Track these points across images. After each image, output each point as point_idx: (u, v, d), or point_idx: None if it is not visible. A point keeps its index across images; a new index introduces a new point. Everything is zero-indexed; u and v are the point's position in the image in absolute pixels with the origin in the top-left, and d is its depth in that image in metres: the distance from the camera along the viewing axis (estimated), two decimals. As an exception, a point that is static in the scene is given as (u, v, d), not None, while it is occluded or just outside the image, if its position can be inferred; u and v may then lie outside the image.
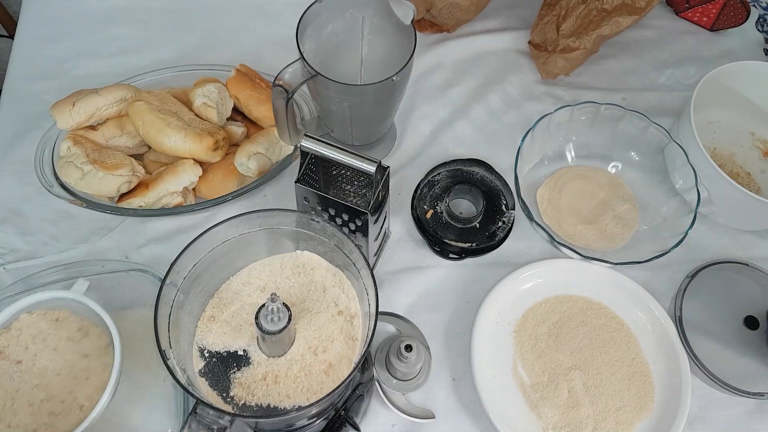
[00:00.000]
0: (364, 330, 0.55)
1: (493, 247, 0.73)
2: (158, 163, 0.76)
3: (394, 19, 0.69)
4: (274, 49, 0.89)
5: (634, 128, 0.77)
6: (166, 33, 0.92)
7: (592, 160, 0.81)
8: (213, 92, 0.76)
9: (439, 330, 0.71)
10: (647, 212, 0.76)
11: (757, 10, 0.97)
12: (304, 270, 0.59)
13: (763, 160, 0.84)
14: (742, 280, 0.71)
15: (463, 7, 0.86)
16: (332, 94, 0.67)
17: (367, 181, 0.65)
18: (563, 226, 0.76)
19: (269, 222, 0.57)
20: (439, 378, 0.68)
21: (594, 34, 0.83)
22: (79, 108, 0.72)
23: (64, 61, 0.89)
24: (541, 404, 0.65)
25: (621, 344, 0.68)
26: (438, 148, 0.83)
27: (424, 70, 0.90)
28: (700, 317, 0.69)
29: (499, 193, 0.75)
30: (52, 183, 0.72)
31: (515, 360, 0.68)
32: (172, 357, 0.49)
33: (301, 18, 0.67)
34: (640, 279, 0.71)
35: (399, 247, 0.76)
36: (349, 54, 0.77)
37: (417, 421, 0.64)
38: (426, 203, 0.75)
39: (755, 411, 0.68)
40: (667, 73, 0.93)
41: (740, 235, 0.79)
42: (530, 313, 0.70)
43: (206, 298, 0.57)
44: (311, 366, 0.54)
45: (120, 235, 0.74)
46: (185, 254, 0.52)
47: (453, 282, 0.74)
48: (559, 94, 0.89)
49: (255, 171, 0.74)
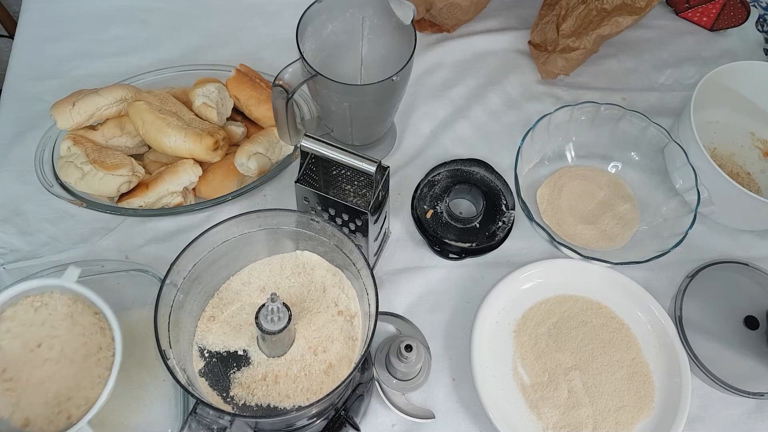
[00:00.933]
0: (364, 330, 0.55)
1: (493, 247, 0.73)
2: (158, 163, 0.76)
3: (394, 19, 0.69)
4: (274, 49, 0.89)
5: (634, 128, 0.77)
6: (166, 33, 0.92)
7: (592, 160, 0.81)
8: (213, 92, 0.76)
9: (439, 330, 0.71)
10: (647, 212, 0.76)
11: (757, 10, 0.97)
12: (304, 270, 0.59)
13: (763, 160, 0.84)
14: (742, 280, 0.71)
15: (463, 7, 0.86)
16: (332, 94, 0.67)
17: (367, 181, 0.65)
18: (563, 226, 0.76)
19: (269, 222, 0.57)
20: (439, 378, 0.68)
21: (594, 34, 0.83)
22: (79, 108, 0.72)
23: (64, 61, 0.89)
24: (541, 404, 0.65)
25: (621, 344, 0.68)
26: (438, 148, 0.83)
27: (424, 70, 0.90)
28: (700, 317, 0.69)
29: (499, 193, 0.75)
30: (52, 183, 0.72)
31: (515, 360, 0.68)
32: (172, 357, 0.49)
33: (301, 18, 0.67)
34: (640, 279, 0.71)
35: (399, 247, 0.76)
36: (349, 54, 0.77)
37: (417, 421, 0.64)
38: (426, 203, 0.75)
39: (755, 411, 0.68)
40: (667, 73, 0.93)
41: (740, 235, 0.79)
42: (530, 313, 0.70)
43: (206, 298, 0.57)
44: (311, 366, 0.54)
45: (120, 235, 0.74)
46: (185, 254, 0.52)
47: (453, 282, 0.74)
48: (559, 94, 0.89)
49: (255, 171, 0.74)
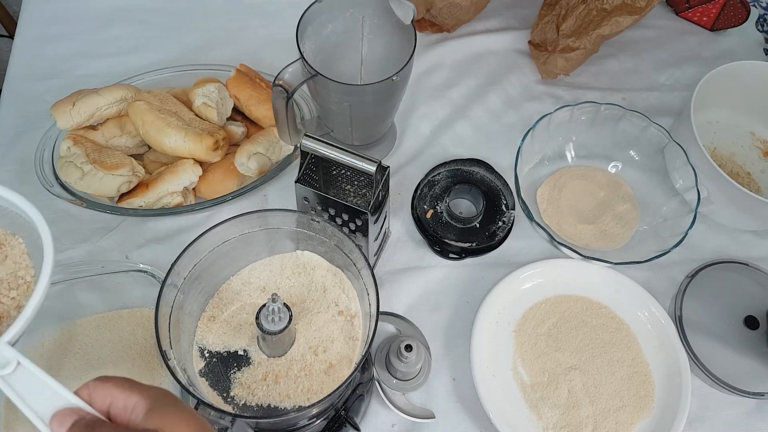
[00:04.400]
0: (365, 330, 0.55)
1: (493, 247, 0.73)
2: (158, 163, 0.76)
3: (394, 19, 0.69)
4: (274, 49, 0.89)
5: (634, 128, 0.77)
6: (166, 33, 0.92)
7: (592, 160, 0.81)
8: (213, 92, 0.76)
9: (439, 330, 0.71)
10: (647, 212, 0.76)
11: (757, 10, 0.97)
12: (304, 270, 0.59)
13: (763, 160, 0.85)
14: (742, 280, 0.71)
15: (463, 6, 0.86)
16: (332, 94, 0.67)
17: (367, 181, 0.65)
18: (563, 226, 0.76)
19: (269, 222, 0.57)
20: (439, 378, 0.68)
21: (594, 34, 0.83)
22: (79, 108, 0.72)
23: (64, 61, 0.89)
24: (541, 404, 0.65)
25: (621, 344, 0.68)
26: (438, 148, 0.83)
27: (424, 70, 0.90)
28: (700, 317, 0.69)
29: (499, 193, 0.75)
30: (52, 183, 0.72)
31: (515, 360, 0.68)
32: (172, 357, 0.49)
33: (301, 18, 0.67)
34: (640, 279, 0.71)
35: (399, 247, 0.76)
36: (349, 54, 0.77)
37: (417, 421, 0.64)
38: (426, 203, 0.75)
39: (755, 411, 0.68)
40: (667, 73, 0.93)
41: (740, 235, 0.79)
42: (530, 313, 0.70)
43: (206, 298, 0.57)
44: (311, 366, 0.54)
45: (120, 235, 0.74)
46: (185, 254, 0.52)
47: (453, 282, 0.74)
48: (559, 94, 0.89)
49: (255, 171, 0.74)
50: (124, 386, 0.37)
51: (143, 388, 0.37)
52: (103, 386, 0.37)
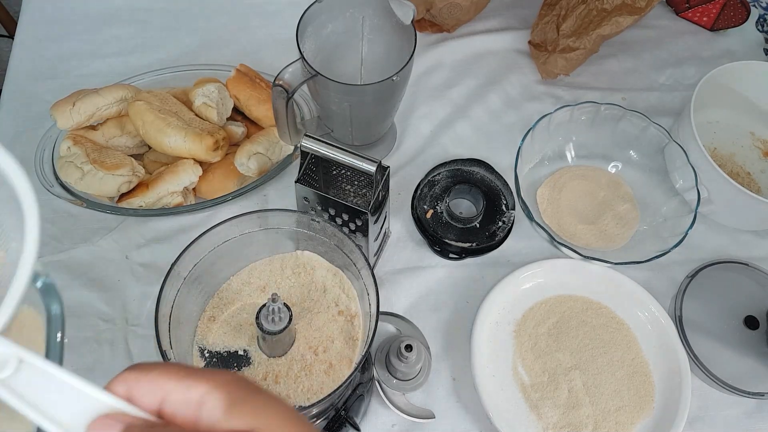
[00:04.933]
0: (365, 330, 0.55)
1: (493, 247, 0.73)
2: (158, 163, 0.76)
3: (394, 19, 0.69)
4: (274, 49, 0.89)
5: (634, 128, 0.77)
6: (166, 33, 0.92)
7: (592, 160, 0.81)
8: (213, 92, 0.76)
9: (439, 330, 0.71)
10: (647, 212, 0.76)
11: (757, 10, 0.97)
12: (304, 270, 0.59)
13: (763, 160, 0.85)
14: (742, 280, 0.71)
15: (463, 6, 0.86)
16: (332, 94, 0.67)
17: (367, 181, 0.65)
18: (563, 226, 0.76)
19: (269, 222, 0.57)
20: (439, 378, 0.68)
21: (594, 34, 0.83)
22: (79, 108, 0.72)
23: (64, 61, 0.89)
24: (541, 404, 0.65)
25: (621, 344, 0.68)
26: (438, 148, 0.83)
27: (424, 70, 0.90)
28: (700, 317, 0.69)
29: (499, 193, 0.75)
30: (52, 183, 0.72)
31: (515, 360, 0.68)
32: (173, 357, 0.49)
33: (301, 18, 0.67)
34: (640, 279, 0.71)
35: (399, 247, 0.76)
36: (349, 54, 0.77)
37: (417, 421, 0.64)
38: (426, 203, 0.75)
39: (755, 411, 0.68)
40: (667, 73, 0.93)
41: (740, 235, 0.79)
42: (530, 313, 0.70)
43: (206, 298, 0.57)
44: (312, 366, 0.54)
45: (120, 235, 0.74)
46: (185, 254, 0.52)
47: (453, 282, 0.74)
48: (559, 94, 0.89)
49: (255, 171, 0.74)
50: (179, 374, 0.26)
51: (207, 374, 0.26)
52: (147, 377, 0.26)
